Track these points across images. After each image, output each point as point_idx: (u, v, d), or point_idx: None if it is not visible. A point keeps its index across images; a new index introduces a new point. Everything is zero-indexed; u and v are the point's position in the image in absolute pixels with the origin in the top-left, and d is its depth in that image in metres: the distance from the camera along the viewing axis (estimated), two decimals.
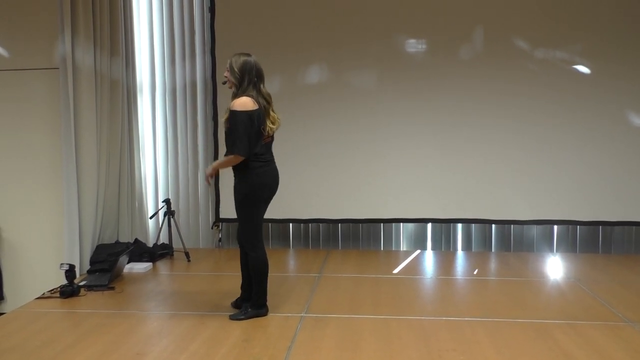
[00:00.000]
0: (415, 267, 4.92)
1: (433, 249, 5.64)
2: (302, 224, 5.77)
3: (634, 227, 5.41)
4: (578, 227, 5.49)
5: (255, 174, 3.42)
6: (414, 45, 5.43)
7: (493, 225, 5.59)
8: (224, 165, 3.53)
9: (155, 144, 5.78)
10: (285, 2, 5.51)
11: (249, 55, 3.42)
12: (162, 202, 5.33)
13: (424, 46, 5.42)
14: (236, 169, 3.47)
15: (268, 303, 3.63)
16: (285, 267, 5.02)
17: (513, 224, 5.51)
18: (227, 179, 5.62)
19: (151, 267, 4.92)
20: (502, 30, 5.30)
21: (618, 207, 5.31)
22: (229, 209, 5.64)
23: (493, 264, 5.05)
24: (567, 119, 5.30)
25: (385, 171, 5.50)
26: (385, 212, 5.57)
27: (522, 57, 5.31)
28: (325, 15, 5.47)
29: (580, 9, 5.22)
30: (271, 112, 3.44)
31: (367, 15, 5.42)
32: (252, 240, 3.53)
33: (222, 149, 5.61)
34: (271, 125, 3.43)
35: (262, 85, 3.42)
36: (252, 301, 3.57)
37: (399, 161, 5.49)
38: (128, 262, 4.77)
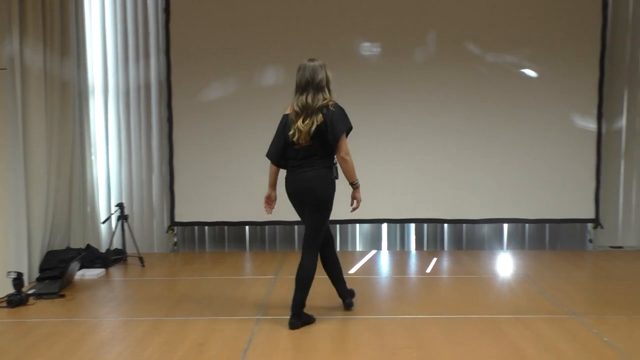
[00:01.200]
0: (370, 267, 4.99)
1: (388, 248, 5.73)
2: (258, 227, 5.77)
3: (578, 224, 5.65)
4: (526, 225, 5.69)
5: (285, 179, 3.51)
6: (368, 49, 5.51)
7: (445, 225, 5.73)
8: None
9: (108, 146, 5.67)
10: (241, 4, 5.50)
11: (310, 60, 3.44)
12: (115, 206, 5.24)
13: (378, 49, 5.51)
14: None
15: (226, 306, 3.63)
16: (242, 270, 5.00)
17: (465, 223, 5.66)
18: (183, 181, 5.59)
19: (104, 273, 4.82)
20: (455, 35, 5.44)
21: (564, 205, 5.52)
22: (184, 212, 5.62)
23: (446, 263, 5.16)
24: (516, 120, 5.48)
25: (339, 173, 5.53)
26: (341, 214, 5.59)
27: (473, 60, 5.46)
28: (280, 17, 5.49)
29: (529, 15, 5.41)
30: (299, 122, 3.34)
31: (323, 18, 5.47)
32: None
33: (178, 150, 5.59)
34: (295, 134, 3.34)
35: (298, 94, 3.39)
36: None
37: (356, 162, 5.53)
38: (80, 269, 4.66)
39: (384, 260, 5.30)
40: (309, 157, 3.38)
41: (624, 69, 5.53)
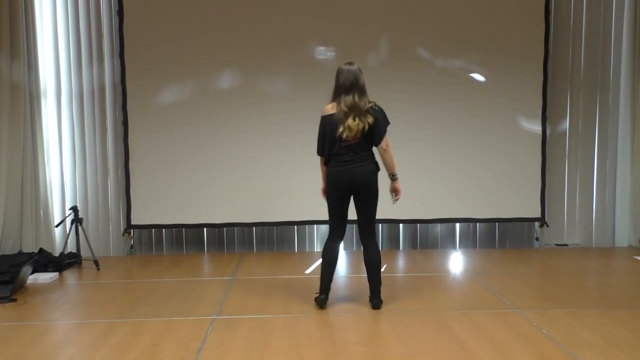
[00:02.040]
0: None
1: (345, 248, 5.84)
2: (216, 229, 5.79)
3: (525, 223, 5.89)
4: (478, 224, 5.90)
5: (328, 172, 3.75)
6: (323, 53, 5.62)
7: (401, 225, 5.89)
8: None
9: (62, 149, 5.61)
10: (197, 7, 5.52)
11: (348, 64, 3.68)
12: (69, 209, 5.18)
13: (333, 53, 5.62)
14: None
15: (182, 307, 3.65)
16: (199, 272, 5.03)
17: (419, 223, 5.83)
18: (140, 184, 5.58)
19: (57, 277, 4.77)
20: (406, 40, 5.60)
21: (512, 205, 5.75)
22: (140, 215, 5.60)
23: (401, 262, 5.31)
24: (465, 123, 5.67)
25: (298, 175, 5.62)
26: (299, 215, 5.71)
27: (424, 65, 5.64)
28: (235, 22, 5.54)
29: (477, 21, 5.61)
30: (349, 120, 3.56)
31: (278, 22, 5.55)
32: (329, 228, 3.83)
33: (133, 153, 5.57)
34: (346, 131, 3.57)
35: (344, 94, 3.60)
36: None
37: (312, 165, 5.62)
38: (32, 273, 4.60)
39: (341, 260, 5.38)
40: (359, 152, 3.65)
41: (566, 74, 5.80)
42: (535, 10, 5.60)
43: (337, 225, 3.81)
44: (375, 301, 3.77)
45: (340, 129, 3.59)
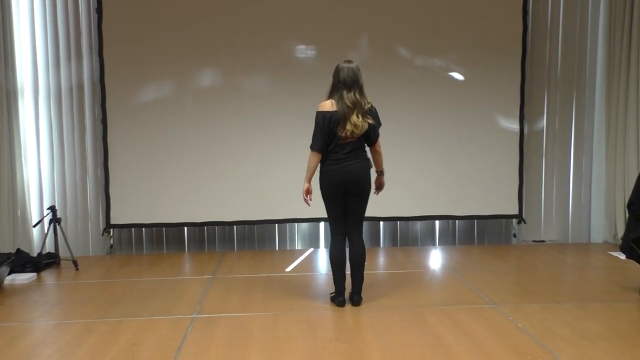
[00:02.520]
0: (307, 265, 5.11)
1: (326, 246, 5.87)
2: (197, 227, 5.78)
3: (503, 220, 5.97)
4: (457, 221, 5.97)
5: (323, 171, 3.75)
6: (303, 51, 5.63)
7: (381, 222, 5.93)
8: (308, 161, 3.73)
9: (39, 148, 5.54)
10: (177, 5, 5.50)
11: (347, 62, 3.69)
12: (47, 209, 5.13)
13: (313, 52, 5.64)
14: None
15: (161, 306, 3.65)
16: (180, 271, 5.01)
17: (399, 220, 5.88)
18: (119, 183, 5.54)
19: (35, 277, 4.73)
20: (386, 39, 5.64)
21: (490, 203, 5.83)
22: (120, 214, 5.57)
23: (381, 259, 5.36)
24: (444, 121, 5.73)
25: (278, 172, 5.64)
26: (280, 213, 5.72)
27: (404, 64, 5.68)
28: (215, 20, 5.52)
29: (456, 20, 5.67)
30: (353, 117, 3.59)
31: (258, 21, 5.54)
32: (330, 231, 3.86)
33: (113, 152, 5.53)
34: (351, 128, 3.60)
35: (346, 91, 3.62)
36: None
37: (292, 162, 5.65)
38: (9, 273, 4.55)
39: (322, 258, 5.44)
40: (354, 150, 3.70)
41: (543, 73, 5.89)
42: (513, 10, 5.67)
43: (338, 226, 3.83)
44: (356, 298, 3.83)
45: (347, 126, 3.60)
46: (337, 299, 3.82)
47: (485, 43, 5.70)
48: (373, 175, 3.84)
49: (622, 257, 4.45)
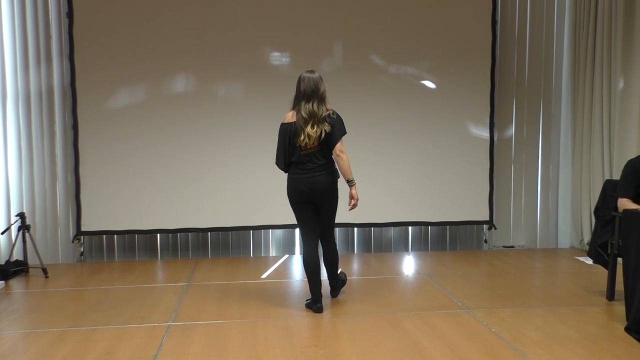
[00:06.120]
0: (283, 271, 5.12)
1: (301, 253, 5.87)
2: (170, 234, 5.73)
3: (475, 226, 6.09)
4: (429, 227, 6.06)
5: (288, 180, 3.81)
6: (278, 58, 5.65)
7: (355, 229, 5.98)
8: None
9: (7, 154, 5.41)
10: (148, 10, 5.46)
11: (309, 72, 3.73)
12: (16, 216, 5.01)
13: (287, 59, 5.66)
14: None
15: (136, 314, 3.61)
16: (153, 278, 4.95)
17: (373, 226, 5.94)
18: (90, 190, 5.46)
19: (3, 285, 4.61)
20: (360, 46, 5.71)
21: (462, 209, 5.94)
22: (90, 221, 5.48)
23: (355, 265, 5.39)
24: (416, 129, 5.83)
25: (253, 179, 5.64)
26: (254, 219, 5.71)
27: (377, 72, 5.76)
28: (188, 26, 5.51)
29: (428, 30, 5.78)
30: (307, 128, 3.62)
31: (232, 27, 5.55)
32: (301, 238, 3.94)
33: (83, 158, 5.44)
34: (305, 139, 3.64)
35: (304, 102, 3.65)
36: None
37: (266, 169, 5.65)
38: None
39: (296, 264, 5.45)
40: (318, 161, 3.73)
41: (512, 82, 6.05)
42: (483, 21, 5.82)
43: (308, 236, 3.87)
44: (335, 292, 4.15)
45: (301, 137, 3.64)
46: (315, 305, 3.84)
47: (456, 52, 5.82)
48: (346, 185, 3.85)
49: (589, 262, 4.60)
